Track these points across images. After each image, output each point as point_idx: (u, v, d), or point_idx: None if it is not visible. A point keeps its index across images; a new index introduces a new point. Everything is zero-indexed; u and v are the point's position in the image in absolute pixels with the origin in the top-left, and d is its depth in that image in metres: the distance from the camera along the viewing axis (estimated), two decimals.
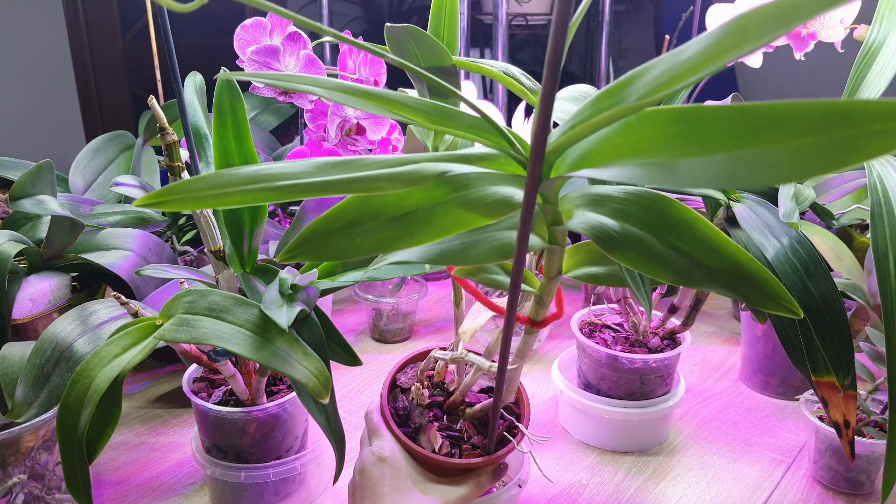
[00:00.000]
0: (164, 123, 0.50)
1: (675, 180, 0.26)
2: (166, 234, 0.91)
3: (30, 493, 0.57)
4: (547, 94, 0.27)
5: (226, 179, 0.30)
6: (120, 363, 0.49)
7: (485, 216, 0.35)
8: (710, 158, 0.24)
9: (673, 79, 0.25)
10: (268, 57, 0.62)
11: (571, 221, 0.37)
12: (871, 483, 0.67)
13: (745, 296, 0.34)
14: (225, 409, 0.57)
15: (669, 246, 0.34)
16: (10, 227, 0.77)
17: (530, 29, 1.61)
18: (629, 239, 0.34)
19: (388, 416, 0.51)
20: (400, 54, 0.47)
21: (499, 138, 0.34)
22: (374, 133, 0.69)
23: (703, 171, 0.25)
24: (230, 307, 0.50)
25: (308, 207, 0.66)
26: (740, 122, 0.23)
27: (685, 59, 0.25)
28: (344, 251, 0.35)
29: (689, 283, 0.34)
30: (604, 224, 0.35)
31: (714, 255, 0.34)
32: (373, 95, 0.34)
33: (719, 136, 0.24)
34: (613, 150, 0.30)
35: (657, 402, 0.72)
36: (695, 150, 0.25)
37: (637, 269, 0.34)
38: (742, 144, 0.23)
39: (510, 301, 0.37)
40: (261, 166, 0.31)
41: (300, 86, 0.35)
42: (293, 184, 0.30)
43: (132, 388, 0.85)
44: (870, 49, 0.65)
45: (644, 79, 0.27)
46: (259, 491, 0.61)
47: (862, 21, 0.69)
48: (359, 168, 0.31)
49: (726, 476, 0.70)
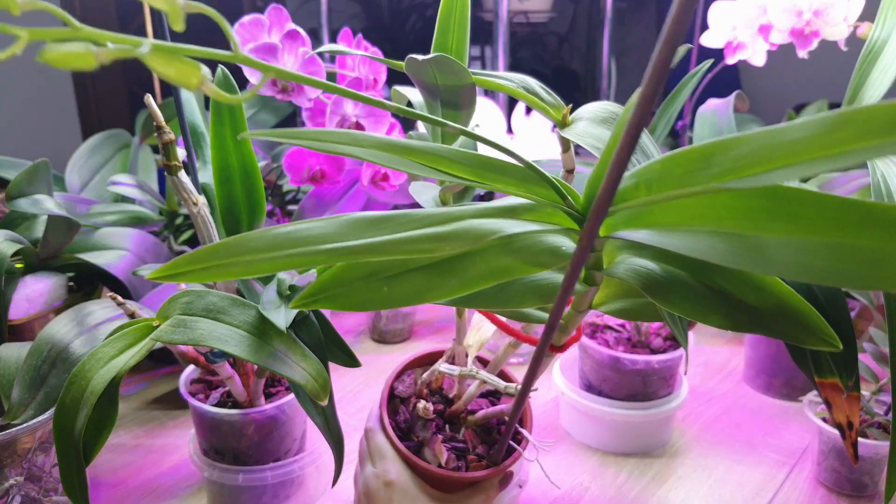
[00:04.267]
0: (160, 122, 0.49)
1: (763, 263, 0.23)
2: (163, 233, 0.91)
3: (26, 495, 0.57)
4: (619, 167, 0.24)
5: (253, 245, 0.28)
6: (117, 364, 0.49)
7: (530, 265, 0.32)
8: (805, 242, 0.22)
9: (769, 159, 0.22)
10: (266, 55, 0.62)
11: (615, 268, 0.35)
12: (874, 485, 0.66)
13: (791, 336, 0.32)
14: (222, 411, 0.57)
15: (714, 286, 0.32)
16: (7, 227, 0.76)
17: (531, 27, 1.61)
18: (675, 284, 0.33)
19: (391, 434, 0.49)
20: (418, 74, 0.46)
21: (550, 191, 0.32)
22: (373, 132, 0.68)
23: (797, 257, 0.22)
24: (228, 308, 0.50)
25: (306, 207, 0.65)
26: (846, 211, 0.21)
27: (787, 140, 0.22)
28: (368, 302, 0.32)
29: (738, 327, 0.32)
30: (649, 270, 0.34)
31: (759, 292, 0.32)
32: (418, 152, 0.31)
33: (817, 220, 0.22)
34: (680, 212, 0.27)
35: (660, 404, 0.71)
36: (784, 228, 0.23)
37: (684, 314, 0.33)
38: (845, 234, 0.21)
39: (543, 341, 0.35)
40: (290, 228, 0.28)
41: (337, 146, 0.30)
42: (330, 248, 0.28)
43: (129, 390, 0.84)
44: (873, 47, 0.64)
45: (732, 153, 0.24)
46: (257, 493, 0.60)
47: (865, 19, 0.68)
48: (398, 226, 0.29)
49: (729, 478, 0.70)
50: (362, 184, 0.66)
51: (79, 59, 0.20)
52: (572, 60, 1.85)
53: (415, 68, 0.44)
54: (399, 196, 0.70)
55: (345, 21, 1.98)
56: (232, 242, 0.28)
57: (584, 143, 0.43)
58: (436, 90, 0.46)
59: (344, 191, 0.72)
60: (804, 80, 1.47)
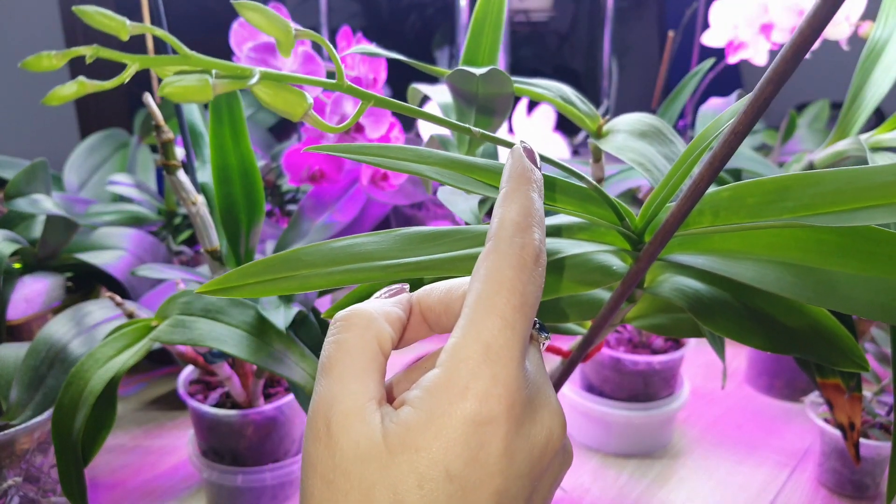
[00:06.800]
0: (159, 121, 0.49)
1: (834, 299, 0.23)
2: (162, 233, 0.91)
3: (25, 495, 0.57)
4: (693, 198, 0.24)
5: (309, 260, 0.27)
6: (115, 365, 0.48)
7: (579, 284, 0.31)
8: (881, 280, 0.22)
9: (854, 198, 0.22)
10: (265, 54, 0.61)
11: (660, 288, 0.34)
12: (876, 486, 0.66)
13: (824, 357, 0.32)
14: (221, 412, 0.57)
15: (754, 307, 0.32)
16: (5, 227, 0.76)
17: (532, 25, 1.60)
18: (720, 305, 0.32)
19: None
20: (461, 84, 0.45)
21: (609, 212, 0.31)
22: (373, 131, 0.68)
23: (872, 296, 0.22)
24: (226, 308, 0.49)
25: (306, 206, 0.65)
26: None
27: (879, 183, 0.21)
28: None
29: (776, 348, 0.32)
30: (696, 290, 0.33)
31: (795, 313, 0.32)
32: (482, 170, 0.30)
33: (892, 259, 0.22)
34: (744, 240, 0.27)
35: (661, 405, 0.71)
36: (857, 265, 0.23)
37: (727, 335, 0.32)
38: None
39: (577, 355, 0.35)
40: (346, 243, 0.28)
41: (402, 163, 0.29)
42: (387, 265, 0.27)
43: (127, 391, 0.84)
44: (875, 46, 0.64)
45: (811, 190, 0.23)
46: (256, 495, 0.60)
47: (867, 18, 0.68)
48: (454, 243, 0.28)
49: (731, 479, 0.69)
50: (362, 183, 0.66)
51: (197, 93, 0.20)
52: (573, 59, 1.85)
53: (461, 80, 0.44)
54: (398, 196, 0.70)
55: (344, 19, 1.98)
56: (288, 257, 0.27)
57: (626, 158, 0.42)
58: (474, 98, 0.45)
59: (343, 190, 0.71)
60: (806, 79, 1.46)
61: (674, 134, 0.46)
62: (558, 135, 0.90)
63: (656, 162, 0.42)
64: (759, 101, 0.21)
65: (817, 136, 1.07)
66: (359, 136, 0.68)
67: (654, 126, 0.45)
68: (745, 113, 0.22)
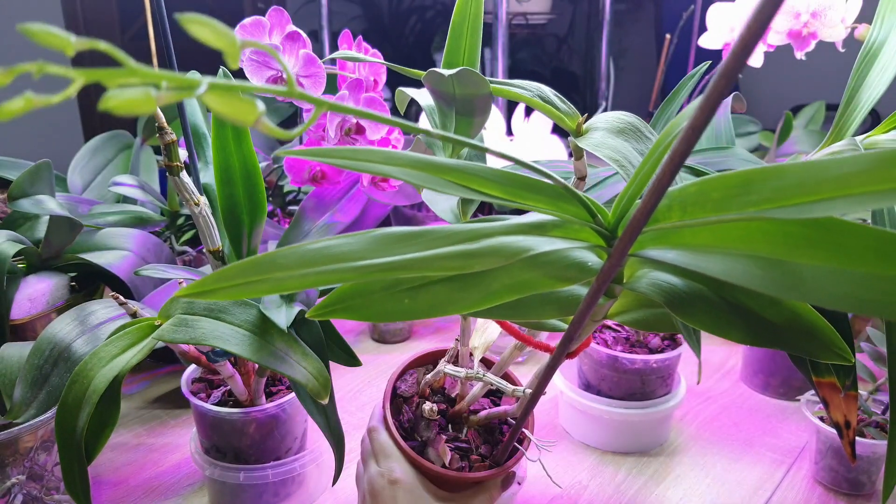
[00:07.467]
0: (162, 123, 0.49)
1: (802, 291, 0.23)
2: (165, 233, 0.91)
3: (28, 493, 0.57)
4: (657, 193, 0.25)
5: (283, 262, 0.27)
6: (118, 364, 0.49)
7: (555, 280, 0.31)
8: (848, 272, 0.22)
9: (814, 191, 0.22)
10: (267, 57, 0.62)
11: (637, 283, 0.35)
12: (871, 484, 0.67)
13: (807, 350, 0.32)
14: (224, 410, 0.57)
15: (734, 301, 0.32)
16: (9, 227, 0.77)
17: (530, 28, 1.61)
18: (697, 299, 0.33)
19: (395, 434, 0.50)
20: (436, 85, 0.45)
21: (580, 209, 0.32)
22: (373, 133, 0.69)
23: (839, 288, 0.22)
24: (229, 307, 0.50)
25: (307, 207, 0.66)
26: (890, 244, 0.22)
27: (834, 175, 0.22)
28: (389, 313, 0.31)
29: (757, 341, 0.32)
30: (672, 285, 0.34)
31: (776, 307, 0.32)
32: (452, 171, 0.30)
33: (861, 251, 0.22)
34: (713, 234, 0.27)
35: (658, 403, 0.72)
36: (825, 256, 0.23)
37: (705, 329, 0.33)
38: (889, 266, 0.21)
39: (559, 351, 0.35)
40: (320, 245, 0.28)
41: (372, 165, 0.29)
42: (361, 265, 0.27)
43: (131, 389, 0.84)
44: (871, 48, 0.65)
45: (773, 183, 0.24)
46: (258, 492, 0.60)
47: (863, 20, 0.69)
48: (428, 243, 0.28)
49: (727, 477, 0.70)
50: (362, 184, 0.67)
51: (140, 105, 0.20)
52: (571, 62, 1.85)
53: (435, 81, 0.44)
54: (399, 197, 0.71)
55: (345, 23, 1.99)
56: (262, 260, 0.27)
57: (602, 155, 0.43)
58: (452, 99, 0.46)
59: (344, 191, 0.72)
60: (802, 81, 1.47)
61: (651, 132, 0.46)
62: (556, 137, 0.91)
63: (631, 158, 0.43)
64: (713, 95, 0.22)
65: (813, 137, 1.08)
66: (360, 138, 0.69)
67: (631, 124, 0.46)
68: (701, 108, 0.22)
